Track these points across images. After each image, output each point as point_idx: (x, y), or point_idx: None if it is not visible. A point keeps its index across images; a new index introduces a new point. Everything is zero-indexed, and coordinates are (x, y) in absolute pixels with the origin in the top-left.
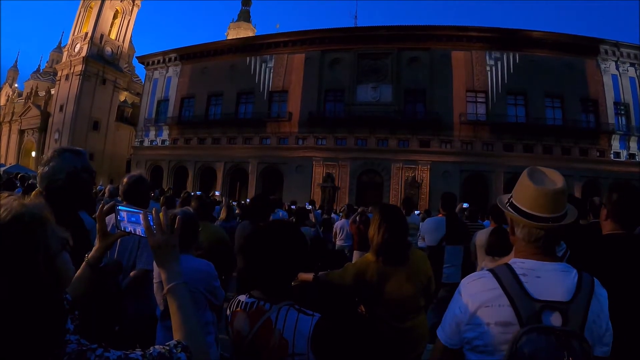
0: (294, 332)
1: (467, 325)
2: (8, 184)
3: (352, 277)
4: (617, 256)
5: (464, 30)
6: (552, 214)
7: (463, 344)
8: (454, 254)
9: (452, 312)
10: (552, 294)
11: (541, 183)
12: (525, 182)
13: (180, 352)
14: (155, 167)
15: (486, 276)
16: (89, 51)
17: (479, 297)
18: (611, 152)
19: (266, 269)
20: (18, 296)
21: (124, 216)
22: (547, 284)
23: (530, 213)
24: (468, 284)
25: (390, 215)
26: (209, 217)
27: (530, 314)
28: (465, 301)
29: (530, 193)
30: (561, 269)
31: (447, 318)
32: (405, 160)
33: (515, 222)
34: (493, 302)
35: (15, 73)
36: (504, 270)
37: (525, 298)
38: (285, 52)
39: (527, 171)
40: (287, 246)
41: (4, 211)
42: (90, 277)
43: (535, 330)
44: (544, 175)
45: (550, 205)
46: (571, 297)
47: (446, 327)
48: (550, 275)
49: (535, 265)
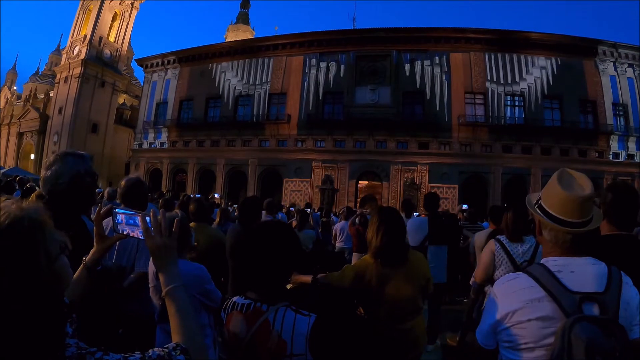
0: (292, 333)
1: (506, 324)
2: (7, 187)
3: (351, 279)
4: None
5: (462, 32)
6: (580, 219)
7: (500, 342)
8: (437, 253)
9: (489, 315)
10: (588, 285)
11: (570, 189)
12: (554, 186)
13: (180, 354)
14: (154, 170)
15: (521, 276)
16: (88, 54)
17: (517, 296)
18: (610, 153)
19: (261, 270)
20: (18, 300)
21: (121, 219)
22: (581, 277)
23: (558, 217)
24: (503, 284)
25: (388, 217)
26: (207, 220)
27: (572, 306)
28: (504, 302)
29: (559, 198)
30: (591, 262)
31: (483, 321)
32: (404, 162)
33: (543, 224)
34: (533, 299)
35: (14, 75)
36: (538, 268)
37: (564, 292)
38: (283, 55)
39: (556, 175)
40: (281, 246)
41: (2, 215)
42: (88, 280)
43: (585, 320)
44: (573, 180)
45: (578, 211)
46: (604, 287)
47: (483, 329)
48: (582, 269)
49: (567, 262)
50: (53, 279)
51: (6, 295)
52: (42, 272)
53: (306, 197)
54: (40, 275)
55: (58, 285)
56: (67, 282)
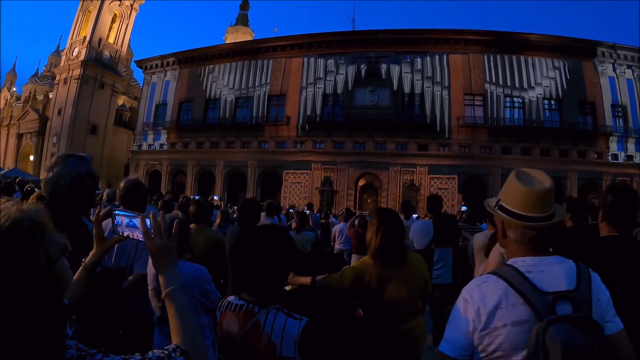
0: (282, 336)
1: (481, 332)
2: (7, 188)
3: (351, 280)
4: (614, 258)
5: (461, 33)
6: (542, 213)
7: (476, 352)
8: (443, 255)
9: (460, 322)
10: (559, 284)
11: (530, 184)
12: (513, 183)
13: (179, 356)
14: (153, 171)
15: (490, 279)
16: (87, 55)
17: (490, 301)
18: (609, 154)
19: (254, 273)
20: (17, 301)
21: (121, 221)
22: (551, 276)
23: (521, 214)
24: (473, 290)
25: (387, 218)
26: (207, 221)
27: (545, 307)
28: (476, 308)
29: (519, 194)
30: (558, 261)
31: (454, 330)
32: (403, 163)
33: (507, 224)
34: (506, 303)
35: (13, 77)
36: (508, 270)
37: (536, 293)
38: (283, 56)
39: (514, 173)
40: (274, 251)
41: (2, 217)
42: (87, 281)
43: (558, 321)
44: (531, 176)
45: (540, 205)
46: (575, 285)
47: (455, 339)
48: (551, 267)
49: (535, 261)
50: (53, 281)
51: (6, 297)
52: (42, 274)
53: (305, 198)
54: (40, 277)
55: (58, 286)
56: (67, 284)
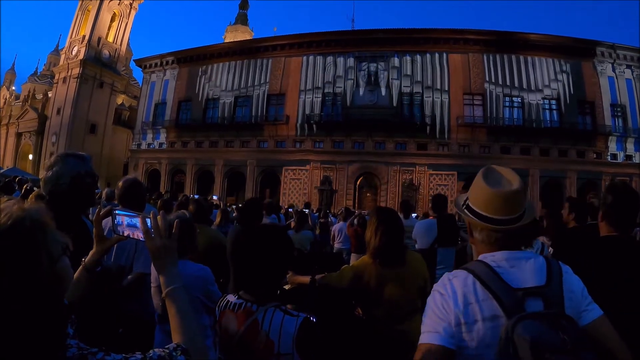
0: (280, 333)
1: (456, 327)
2: (6, 187)
3: (350, 280)
4: (614, 258)
5: (460, 33)
6: (508, 215)
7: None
8: (446, 255)
9: (440, 312)
10: (528, 280)
11: (496, 185)
12: (480, 184)
13: (180, 355)
14: (152, 171)
15: (460, 274)
16: (87, 54)
17: (460, 296)
18: (608, 154)
19: (252, 272)
20: (19, 301)
21: (121, 220)
22: (521, 272)
23: (486, 216)
24: (445, 284)
25: (387, 218)
26: (206, 221)
27: (514, 304)
28: (451, 301)
29: (485, 195)
30: (528, 256)
31: (435, 319)
32: (402, 163)
33: (473, 225)
34: (475, 298)
35: (12, 76)
36: (478, 265)
37: (505, 288)
38: (282, 55)
39: (481, 172)
40: (272, 250)
41: (4, 216)
42: (87, 281)
43: (527, 317)
44: (500, 176)
45: (506, 207)
46: (545, 280)
47: (438, 328)
48: (521, 263)
49: (505, 255)
50: (54, 280)
51: (8, 296)
52: (44, 273)
53: (304, 197)
54: (41, 276)
55: (59, 286)
56: (69, 283)
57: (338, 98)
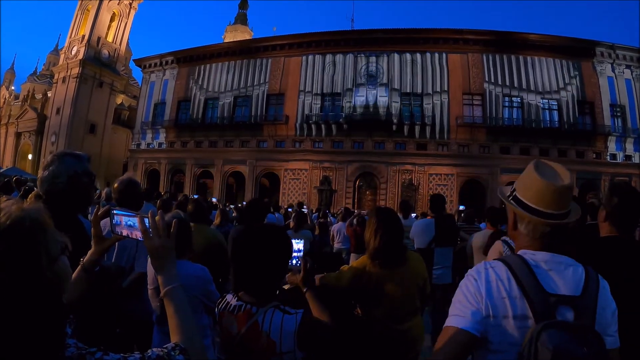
0: (280, 332)
1: (486, 318)
2: (5, 187)
3: (349, 280)
4: (615, 259)
5: (460, 33)
6: (559, 210)
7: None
8: (443, 255)
9: (471, 297)
10: (563, 288)
11: (550, 177)
12: (532, 175)
13: (179, 354)
14: (152, 170)
15: (497, 265)
16: (86, 54)
17: (495, 287)
18: (607, 154)
19: (251, 273)
20: (19, 300)
21: (119, 220)
22: (557, 277)
23: (537, 209)
24: (481, 272)
25: (386, 218)
26: (205, 220)
27: (545, 309)
28: (484, 289)
29: (537, 188)
30: (568, 262)
31: (465, 304)
32: (402, 162)
33: (519, 217)
34: (509, 294)
35: (12, 75)
36: (516, 261)
37: (539, 291)
38: (281, 55)
39: (533, 164)
40: (271, 250)
41: (3, 216)
42: (85, 281)
43: (554, 326)
44: (552, 169)
45: (558, 202)
46: (581, 291)
47: (467, 312)
48: (559, 268)
49: (545, 257)
50: (54, 280)
51: (7, 296)
52: (43, 273)
53: (304, 197)
54: (41, 276)
55: (58, 285)
56: (68, 283)
57: (337, 98)
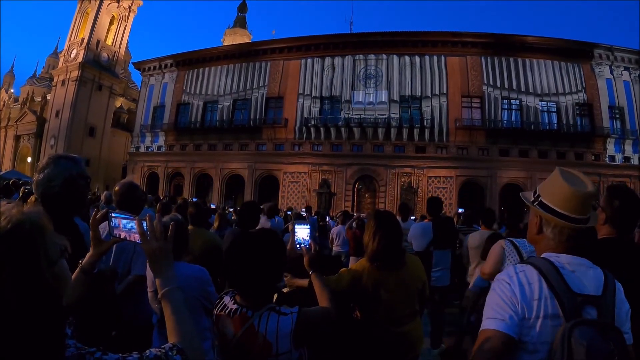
0: (277, 334)
1: (521, 318)
2: (5, 190)
3: (348, 282)
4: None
5: (458, 35)
6: (583, 215)
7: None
8: (442, 257)
9: (507, 300)
10: (587, 288)
11: (576, 185)
12: (559, 182)
13: (176, 354)
14: (151, 174)
15: (527, 269)
16: (85, 57)
17: (528, 290)
18: (606, 156)
19: (245, 277)
20: (21, 303)
21: (117, 223)
22: (581, 278)
23: (565, 214)
24: (513, 275)
25: (385, 221)
26: (204, 224)
27: (574, 308)
28: (517, 292)
29: (565, 194)
30: (588, 265)
31: (501, 307)
32: (401, 166)
33: (546, 221)
34: (540, 295)
35: (11, 78)
36: (544, 263)
37: (568, 291)
38: (280, 58)
39: (559, 172)
40: (264, 256)
41: (4, 219)
42: (84, 283)
43: (584, 324)
44: (577, 177)
45: (583, 207)
46: (601, 291)
47: (505, 315)
48: (582, 270)
49: (569, 260)
50: (53, 282)
51: (8, 298)
52: (43, 275)
53: (303, 200)
54: (41, 278)
55: (58, 287)
56: (67, 285)
57: (336, 101)
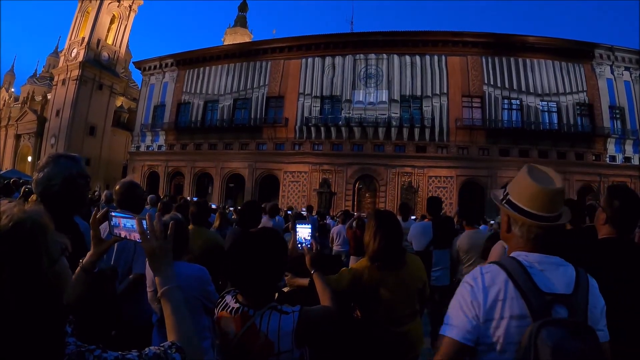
0: (278, 333)
1: (483, 322)
2: (5, 189)
3: (348, 282)
4: (616, 259)
5: (459, 35)
6: (551, 213)
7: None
8: (442, 257)
9: (466, 305)
10: (557, 287)
11: (542, 182)
12: (525, 180)
13: (175, 352)
14: (151, 173)
15: (493, 269)
16: (86, 56)
17: (492, 291)
18: (607, 156)
19: (246, 276)
20: (22, 301)
21: (118, 222)
22: (550, 277)
23: (531, 212)
24: (477, 277)
25: (385, 221)
26: (205, 223)
27: (541, 307)
28: (480, 295)
29: (531, 191)
30: (559, 262)
31: (459, 313)
32: (401, 165)
33: (513, 220)
34: (505, 296)
35: (11, 77)
36: (511, 263)
37: (535, 291)
38: (281, 58)
39: (526, 169)
40: (265, 256)
41: (5, 218)
42: (85, 282)
43: (551, 324)
44: (544, 174)
45: (550, 205)
46: (572, 290)
47: (461, 322)
48: (552, 268)
49: (538, 258)
50: (54, 281)
51: (9, 296)
52: (44, 274)
53: (303, 199)
54: (42, 277)
55: (59, 286)
56: (68, 283)
57: (337, 100)
